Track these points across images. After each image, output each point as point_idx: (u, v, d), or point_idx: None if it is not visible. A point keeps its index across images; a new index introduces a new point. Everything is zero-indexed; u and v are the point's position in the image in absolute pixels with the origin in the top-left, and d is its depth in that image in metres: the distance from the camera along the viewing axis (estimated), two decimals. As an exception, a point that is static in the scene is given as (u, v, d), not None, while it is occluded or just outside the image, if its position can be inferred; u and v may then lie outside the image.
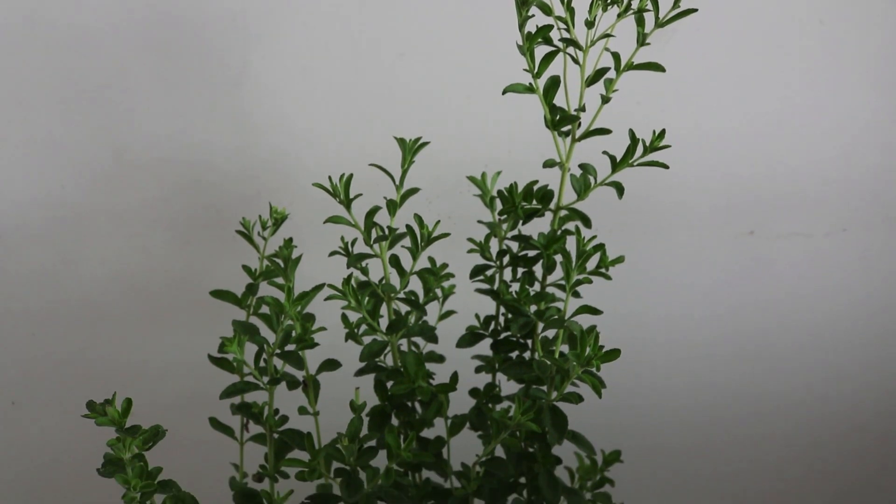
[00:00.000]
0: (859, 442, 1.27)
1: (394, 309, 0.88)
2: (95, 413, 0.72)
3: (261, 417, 0.84)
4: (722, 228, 1.20)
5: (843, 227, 1.22)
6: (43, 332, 1.17)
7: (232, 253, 1.07)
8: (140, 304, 1.16)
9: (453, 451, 0.90)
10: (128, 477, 0.70)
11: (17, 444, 1.19)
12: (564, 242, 0.83)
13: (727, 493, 1.26)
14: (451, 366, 0.88)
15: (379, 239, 0.84)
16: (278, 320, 0.80)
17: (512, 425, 0.77)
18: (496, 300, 0.88)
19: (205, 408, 0.94)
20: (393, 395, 0.85)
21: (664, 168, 0.80)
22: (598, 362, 0.73)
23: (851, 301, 1.24)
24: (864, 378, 1.25)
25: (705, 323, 1.23)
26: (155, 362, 1.17)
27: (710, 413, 1.24)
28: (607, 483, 0.95)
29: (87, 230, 1.14)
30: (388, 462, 0.78)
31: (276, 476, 0.85)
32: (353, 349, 0.86)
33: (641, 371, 1.21)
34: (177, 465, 0.76)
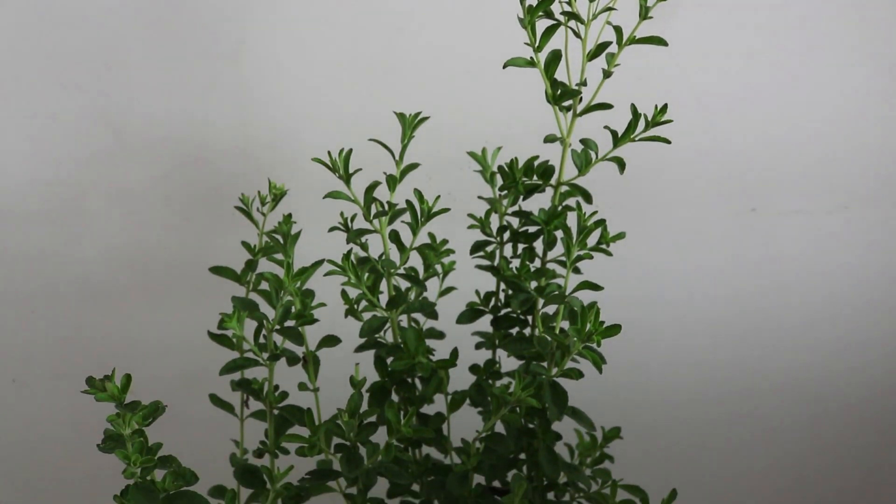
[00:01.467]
0: (859, 419, 1.27)
1: (394, 285, 0.87)
2: (95, 389, 0.71)
3: (261, 393, 0.84)
4: (723, 205, 1.20)
5: (845, 204, 1.21)
6: (43, 309, 1.16)
7: (231, 229, 1.07)
8: (139, 282, 1.16)
9: (453, 427, 0.90)
10: (128, 452, 0.69)
11: (18, 421, 1.19)
12: (565, 218, 0.83)
13: (727, 470, 1.26)
14: (452, 342, 0.88)
15: (379, 214, 0.84)
16: (278, 296, 0.80)
17: (512, 401, 0.77)
18: (496, 276, 0.88)
19: (205, 385, 0.94)
20: (393, 371, 0.85)
21: (666, 143, 0.80)
22: (599, 338, 0.72)
23: (853, 278, 1.23)
24: (864, 356, 1.25)
25: (706, 300, 1.22)
26: (154, 339, 1.17)
27: (710, 390, 1.24)
28: (607, 459, 0.95)
29: (85, 208, 1.14)
30: (388, 438, 0.78)
31: (276, 452, 0.85)
32: (353, 325, 0.85)
33: (641, 348, 1.21)
34: (177, 441, 0.76)
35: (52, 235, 1.14)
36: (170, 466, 0.72)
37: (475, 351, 0.92)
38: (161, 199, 1.14)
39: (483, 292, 0.91)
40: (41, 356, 1.18)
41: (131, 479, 0.70)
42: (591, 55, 0.80)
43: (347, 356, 0.86)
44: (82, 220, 1.14)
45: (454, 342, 0.88)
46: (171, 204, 1.14)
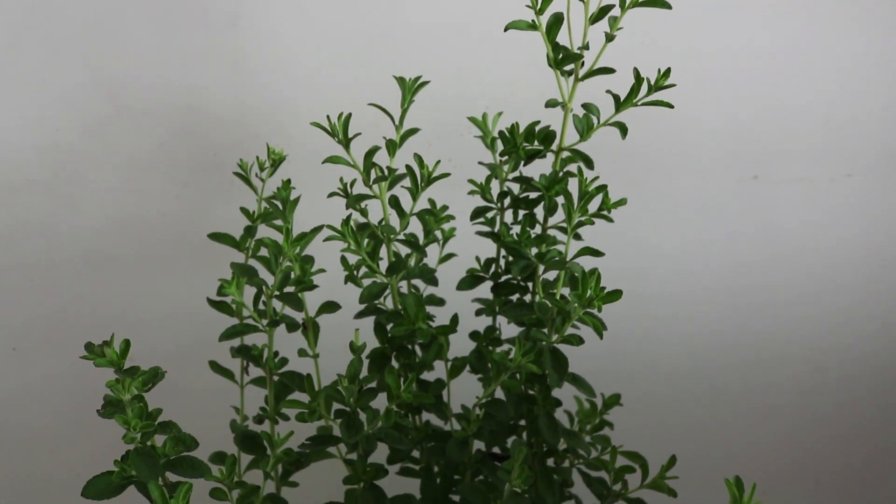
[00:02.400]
0: (859, 390, 1.27)
1: (393, 251, 0.87)
2: (94, 354, 0.71)
3: (260, 360, 0.84)
4: (726, 172, 1.19)
5: (847, 172, 1.20)
6: (42, 278, 1.16)
7: (230, 196, 1.06)
8: (138, 250, 1.15)
9: (453, 394, 0.90)
10: (127, 417, 0.69)
11: (19, 389, 1.19)
12: (566, 184, 0.82)
13: (726, 438, 1.27)
14: (451, 309, 0.88)
15: (378, 179, 0.83)
16: (277, 262, 0.79)
17: (512, 367, 0.76)
18: (497, 242, 0.87)
19: (204, 352, 0.94)
20: (393, 338, 0.85)
21: (669, 108, 0.79)
22: (600, 303, 0.72)
23: (855, 247, 1.23)
24: (865, 326, 1.25)
25: (706, 268, 1.22)
26: (154, 307, 1.17)
27: (711, 359, 1.24)
28: (606, 426, 0.95)
29: (83, 175, 1.13)
30: (388, 404, 0.78)
31: (276, 418, 0.85)
32: (353, 292, 0.85)
33: (642, 315, 1.20)
34: (177, 409, 0.76)
35: (50, 204, 1.13)
36: (170, 432, 0.72)
37: (475, 318, 0.92)
38: (159, 166, 1.13)
39: (483, 259, 0.91)
40: (41, 325, 1.18)
41: (131, 445, 0.70)
42: (593, 18, 0.79)
43: (347, 322, 0.86)
44: (80, 188, 1.13)
45: (454, 309, 0.88)
46: (169, 171, 1.13)
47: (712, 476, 1.04)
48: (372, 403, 0.78)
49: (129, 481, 0.70)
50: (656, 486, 0.86)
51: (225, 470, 0.76)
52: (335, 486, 0.88)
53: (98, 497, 0.69)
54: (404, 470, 0.91)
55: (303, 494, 0.88)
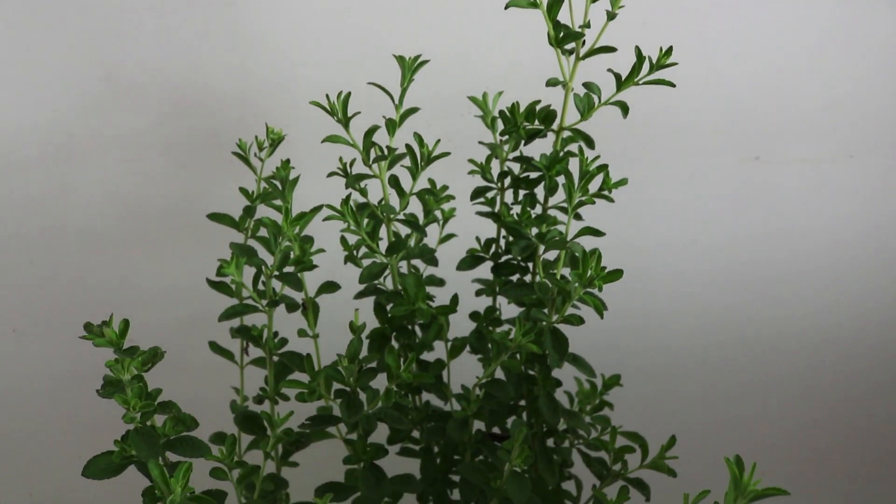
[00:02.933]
0: (858, 368, 1.27)
1: (393, 231, 0.87)
2: (93, 334, 0.71)
3: (260, 340, 0.84)
4: (727, 153, 1.19)
5: (849, 153, 1.20)
6: (41, 258, 1.16)
7: (229, 176, 1.06)
8: (137, 230, 1.15)
9: (453, 374, 0.90)
10: (127, 397, 0.69)
11: (19, 370, 1.19)
12: (567, 164, 0.82)
13: (725, 418, 1.27)
14: (451, 290, 0.88)
15: (378, 159, 0.83)
16: (276, 242, 0.79)
17: (512, 347, 0.76)
18: (497, 223, 0.87)
19: (204, 332, 0.94)
20: (393, 318, 0.85)
21: (671, 86, 0.78)
22: (601, 283, 0.72)
23: (857, 228, 1.22)
24: (865, 306, 1.25)
25: (708, 248, 1.22)
26: (153, 288, 1.17)
27: (711, 339, 1.24)
28: (607, 407, 0.95)
29: (81, 155, 1.12)
30: (388, 384, 0.77)
31: (276, 398, 0.85)
32: (353, 272, 0.85)
33: (642, 296, 1.20)
34: (177, 389, 0.76)
35: (48, 183, 1.13)
36: (170, 411, 0.72)
37: (475, 298, 0.92)
38: (157, 145, 1.12)
39: (483, 239, 0.90)
40: (41, 306, 1.18)
41: (131, 424, 0.70)
42: (595, -5, 0.78)
43: (347, 303, 0.86)
44: (78, 167, 1.12)
45: (454, 289, 0.87)
46: (167, 150, 1.13)
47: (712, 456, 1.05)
48: (372, 384, 0.78)
49: (130, 461, 0.70)
50: (656, 466, 0.87)
51: (225, 450, 0.76)
52: (335, 466, 0.88)
53: (98, 476, 0.70)
54: (404, 450, 0.92)
55: (303, 474, 0.88)
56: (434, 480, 0.89)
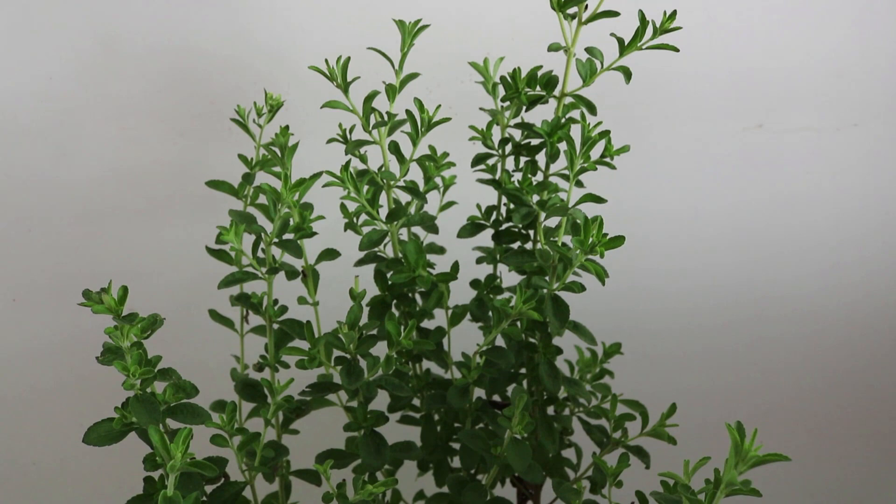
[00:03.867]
0: (860, 336, 1.27)
1: (393, 198, 0.86)
2: (92, 301, 0.71)
3: (260, 308, 0.84)
4: (730, 120, 1.17)
5: (854, 121, 1.19)
6: (40, 228, 1.15)
7: (228, 144, 1.05)
8: (136, 198, 1.14)
9: (454, 342, 0.90)
10: (126, 364, 0.69)
11: (20, 340, 1.19)
12: (569, 130, 0.81)
13: (726, 386, 1.27)
14: (452, 258, 0.87)
15: (378, 125, 0.82)
16: (275, 209, 0.78)
17: (513, 314, 0.76)
18: (498, 190, 0.86)
19: (204, 301, 0.94)
20: (393, 285, 0.85)
21: (674, 51, 0.77)
22: (602, 249, 0.71)
23: (860, 198, 1.22)
24: (867, 275, 1.25)
25: (709, 216, 1.21)
26: (153, 257, 1.16)
27: (712, 307, 1.24)
28: (607, 375, 0.95)
29: (78, 123, 1.11)
30: (388, 351, 0.77)
31: (276, 366, 0.85)
32: (353, 240, 0.84)
33: (643, 264, 1.20)
34: (177, 358, 0.76)
35: (46, 152, 1.12)
36: (169, 378, 0.72)
37: (476, 266, 0.91)
38: (155, 113, 1.11)
39: (484, 206, 0.90)
40: (40, 276, 1.17)
41: (131, 391, 0.70)
42: (597, -42, 0.77)
43: (347, 271, 0.86)
44: (75, 135, 1.12)
45: (455, 257, 0.87)
46: (166, 119, 1.12)
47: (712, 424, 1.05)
48: (372, 351, 0.78)
49: (130, 428, 0.70)
50: (656, 433, 0.87)
51: (225, 417, 0.76)
52: (336, 434, 0.88)
53: (99, 443, 0.70)
54: (404, 418, 0.92)
55: (304, 442, 0.88)
56: (434, 448, 0.89)
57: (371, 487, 0.70)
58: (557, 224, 0.83)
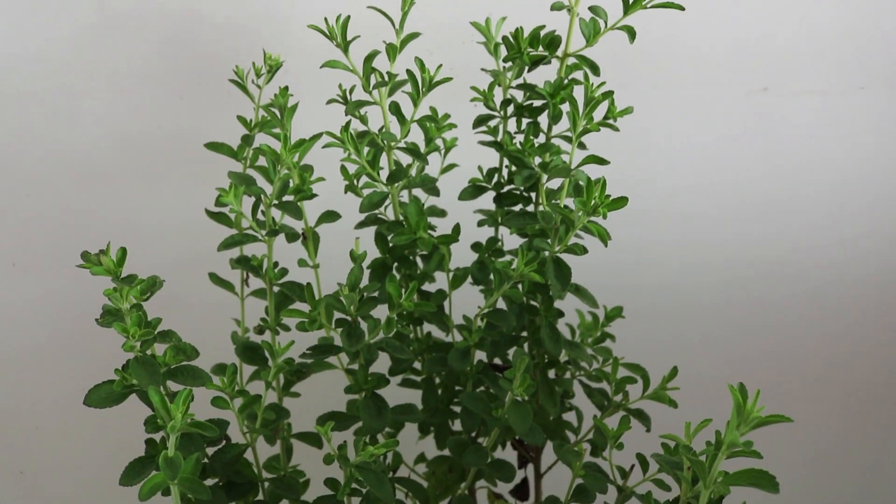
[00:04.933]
0: (864, 302, 1.26)
1: (394, 160, 0.85)
2: (90, 263, 0.70)
3: (260, 270, 0.83)
4: (734, 84, 1.16)
5: (860, 84, 1.17)
6: (38, 192, 1.15)
7: (227, 107, 1.04)
8: (135, 162, 1.13)
9: (455, 306, 0.89)
10: (126, 326, 0.69)
11: (19, 304, 1.19)
12: (571, 91, 0.80)
13: (729, 350, 1.27)
14: (453, 221, 0.87)
15: (378, 85, 0.81)
16: (275, 170, 0.78)
17: (515, 276, 0.76)
18: (500, 152, 0.85)
19: (204, 265, 0.93)
20: (394, 248, 0.84)
21: (679, 10, 0.76)
22: (605, 210, 0.71)
23: (867, 162, 1.21)
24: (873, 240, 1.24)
25: (713, 181, 1.20)
26: (152, 220, 1.16)
27: (714, 271, 1.23)
28: (608, 339, 0.95)
29: (76, 87, 1.10)
30: (389, 313, 0.77)
31: (276, 329, 0.84)
32: (353, 203, 0.84)
33: (646, 228, 1.19)
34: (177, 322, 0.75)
35: (43, 116, 1.11)
36: (170, 340, 0.72)
37: (477, 229, 0.91)
38: (153, 76, 1.10)
39: (486, 168, 0.89)
40: (40, 240, 1.17)
41: (131, 353, 0.70)
42: (602, -86, 0.75)
43: (347, 233, 0.85)
44: (73, 99, 1.11)
45: (456, 220, 0.86)
46: (164, 82, 1.11)
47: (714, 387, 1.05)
48: (373, 314, 0.77)
49: (131, 390, 0.70)
50: (657, 397, 0.87)
51: (226, 379, 0.76)
52: (337, 396, 0.88)
53: (100, 405, 0.70)
54: (405, 381, 0.92)
55: (305, 406, 0.88)
56: (435, 411, 0.89)
57: (372, 449, 0.70)
58: (560, 186, 0.82)
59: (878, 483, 1.33)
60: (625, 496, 0.80)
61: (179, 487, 0.63)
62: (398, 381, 0.91)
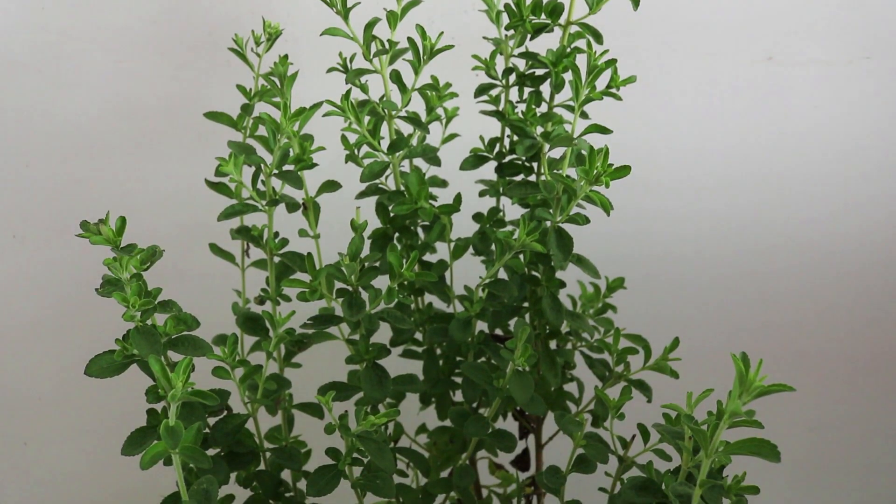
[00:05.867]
0: (868, 275, 1.26)
1: (395, 129, 0.85)
2: (90, 232, 0.70)
3: (260, 240, 0.83)
4: (738, 53, 1.15)
5: (866, 54, 1.16)
6: (38, 163, 1.14)
7: (226, 76, 1.03)
8: (134, 132, 1.13)
9: (456, 278, 0.89)
10: (126, 295, 0.68)
11: (20, 276, 1.19)
12: (574, 59, 0.79)
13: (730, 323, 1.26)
14: (454, 191, 0.86)
15: (379, 53, 0.80)
16: (275, 139, 0.77)
17: (516, 246, 0.75)
18: (501, 121, 0.84)
19: (204, 237, 0.93)
20: (395, 217, 0.84)
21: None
22: (608, 179, 0.70)
23: (872, 133, 1.19)
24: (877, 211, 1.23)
25: (716, 151, 1.19)
26: (152, 191, 1.15)
27: (716, 242, 1.23)
28: (610, 310, 0.95)
29: (73, 55, 1.09)
30: (390, 283, 0.77)
31: (277, 299, 0.84)
32: (354, 173, 0.83)
33: (648, 199, 1.18)
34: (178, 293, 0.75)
35: (40, 84, 1.10)
36: (170, 310, 0.71)
37: (479, 199, 0.90)
38: (151, 45, 1.09)
39: (487, 138, 0.88)
40: (39, 211, 1.16)
41: (132, 323, 0.69)
42: None
43: (348, 204, 0.84)
44: (71, 68, 1.09)
45: (457, 191, 0.86)
46: (163, 51, 1.10)
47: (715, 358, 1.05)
48: (374, 284, 0.77)
49: (132, 360, 0.70)
50: (659, 367, 0.87)
51: (227, 349, 0.76)
52: (338, 367, 0.88)
53: (101, 375, 0.70)
54: (407, 352, 0.92)
55: (306, 377, 0.88)
56: (437, 381, 0.89)
57: (373, 418, 0.70)
58: (562, 155, 0.82)
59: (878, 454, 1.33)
60: (626, 466, 0.81)
61: (181, 456, 0.63)
62: (399, 352, 0.91)
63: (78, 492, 1.27)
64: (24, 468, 1.26)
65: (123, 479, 1.10)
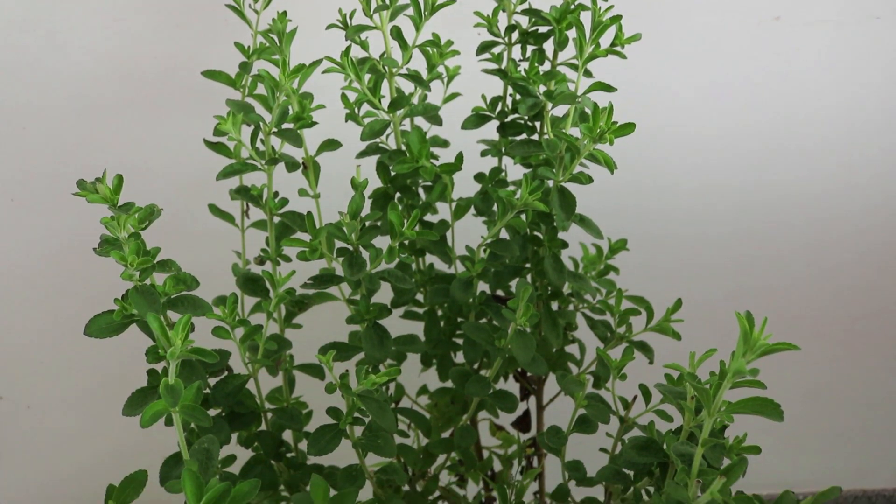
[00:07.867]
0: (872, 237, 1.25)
1: (396, 87, 0.83)
2: (87, 191, 0.69)
3: (260, 200, 0.82)
4: (746, 13, 1.13)
5: (876, 14, 1.14)
6: (34, 125, 1.13)
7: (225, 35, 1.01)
8: (131, 92, 1.11)
9: (457, 239, 0.88)
10: (124, 254, 0.68)
11: (19, 239, 1.18)
12: (578, 16, 0.78)
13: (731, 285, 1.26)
14: (456, 150, 0.85)
15: (379, 9, 0.79)
16: (274, 97, 0.76)
17: (519, 205, 0.74)
18: (504, 79, 0.83)
19: (203, 197, 0.92)
20: (396, 177, 0.83)
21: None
22: (612, 137, 0.69)
23: (880, 92, 1.18)
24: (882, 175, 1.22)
25: (722, 112, 1.18)
26: (150, 152, 1.14)
27: (720, 204, 1.22)
28: (612, 271, 0.94)
29: (69, 14, 1.08)
30: (391, 242, 0.76)
31: (277, 259, 0.83)
32: (354, 131, 0.82)
33: (652, 160, 1.17)
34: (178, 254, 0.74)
35: (35, 44, 1.08)
36: (169, 270, 0.71)
37: (480, 159, 0.89)
38: (148, 3, 1.07)
39: (489, 97, 0.87)
40: (37, 174, 1.15)
41: (130, 283, 0.69)
42: None
43: (349, 163, 0.83)
44: (67, 27, 1.08)
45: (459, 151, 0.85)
46: (160, 10, 1.08)
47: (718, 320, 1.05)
48: (374, 244, 0.76)
49: (131, 319, 0.70)
50: (661, 329, 0.86)
51: (227, 309, 0.75)
52: (339, 328, 0.88)
53: (100, 335, 0.69)
54: (408, 313, 0.91)
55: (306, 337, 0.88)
56: (438, 342, 0.89)
57: (374, 378, 0.70)
58: (565, 114, 0.80)
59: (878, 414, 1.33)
60: (627, 427, 0.81)
61: (181, 415, 0.63)
62: (401, 314, 0.90)
63: (80, 453, 1.28)
64: (30, 431, 1.26)
65: (125, 440, 1.10)
